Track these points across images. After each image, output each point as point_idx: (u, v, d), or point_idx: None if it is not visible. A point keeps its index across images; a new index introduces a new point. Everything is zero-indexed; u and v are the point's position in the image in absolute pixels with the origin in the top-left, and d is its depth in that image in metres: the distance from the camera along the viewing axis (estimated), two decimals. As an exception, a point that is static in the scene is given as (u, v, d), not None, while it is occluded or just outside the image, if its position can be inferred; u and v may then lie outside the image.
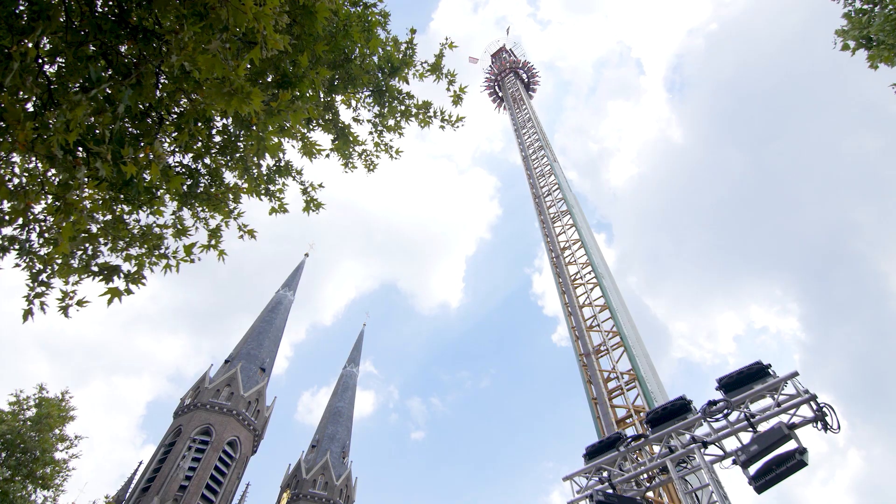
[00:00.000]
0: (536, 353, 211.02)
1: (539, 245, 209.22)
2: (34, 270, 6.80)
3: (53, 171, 5.42)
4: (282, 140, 7.43)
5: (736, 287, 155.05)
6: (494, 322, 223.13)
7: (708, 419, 8.28)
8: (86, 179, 5.10)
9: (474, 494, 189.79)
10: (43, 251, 6.81)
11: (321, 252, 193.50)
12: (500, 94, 61.53)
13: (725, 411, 8.09)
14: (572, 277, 31.98)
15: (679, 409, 8.91)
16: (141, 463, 49.71)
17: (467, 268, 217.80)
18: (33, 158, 5.42)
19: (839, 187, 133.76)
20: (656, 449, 8.86)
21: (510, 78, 60.78)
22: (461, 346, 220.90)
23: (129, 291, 6.69)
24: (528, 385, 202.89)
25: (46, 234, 6.74)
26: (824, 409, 7.39)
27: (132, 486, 47.46)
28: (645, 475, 8.49)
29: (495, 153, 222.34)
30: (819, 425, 7.46)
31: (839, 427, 7.27)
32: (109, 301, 6.41)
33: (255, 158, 7.86)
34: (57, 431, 19.00)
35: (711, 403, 8.33)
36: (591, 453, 9.51)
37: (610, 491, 8.41)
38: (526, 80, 62.55)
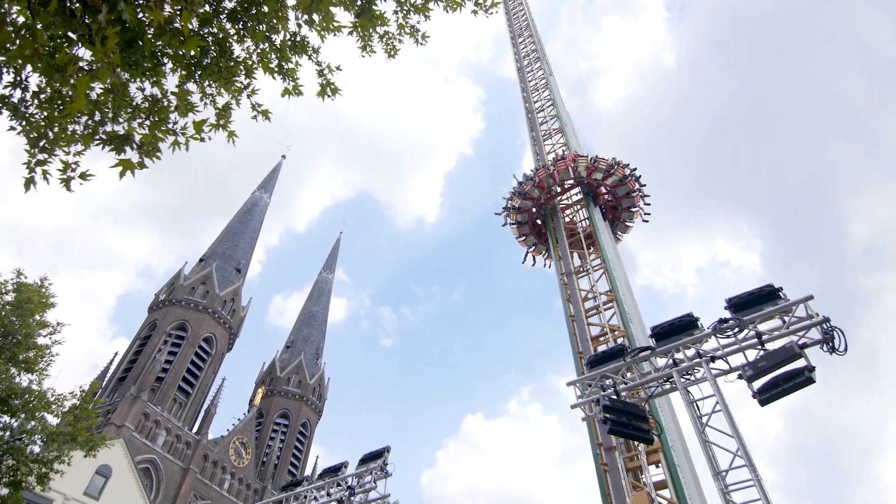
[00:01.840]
0: (507, 273, 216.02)
1: (519, 164, 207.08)
2: (32, 136, 6.11)
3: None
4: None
5: (706, 220, 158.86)
6: (469, 239, 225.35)
7: (718, 335, 8.52)
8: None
9: (438, 399, 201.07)
10: (41, 114, 6.10)
11: (297, 156, 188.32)
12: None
13: (735, 329, 8.31)
14: (560, 198, 31.75)
15: (686, 325, 9.15)
16: (116, 354, 50.30)
17: (445, 183, 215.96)
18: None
19: (821, 128, 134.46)
20: (660, 362, 9.16)
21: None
22: (435, 261, 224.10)
23: (142, 165, 6.11)
24: (497, 302, 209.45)
25: (43, 96, 6.03)
26: (833, 333, 7.65)
27: (108, 375, 48.25)
28: (652, 385, 8.82)
29: (483, 63, 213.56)
30: (826, 347, 7.75)
31: (846, 349, 7.57)
32: (121, 174, 5.85)
33: (276, 23, 7.01)
34: (37, 317, 18.68)
35: (722, 321, 8.55)
36: (594, 362, 9.83)
37: (615, 397, 8.77)
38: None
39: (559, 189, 24.37)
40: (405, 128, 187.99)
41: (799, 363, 7.57)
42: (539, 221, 25.89)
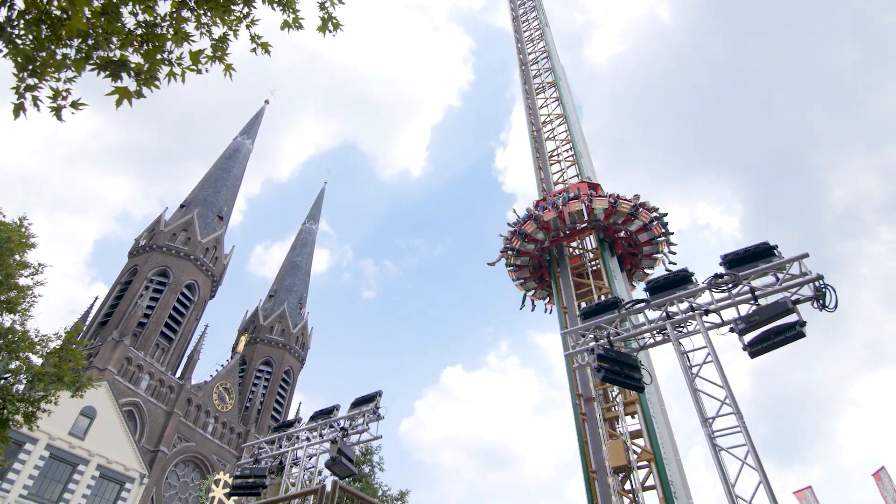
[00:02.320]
0: (491, 229, 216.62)
1: (507, 119, 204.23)
2: (19, 60, 5.75)
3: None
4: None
5: (690, 182, 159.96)
6: (453, 194, 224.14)
7: (713, 290, 8.71)
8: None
9: (418, 351, 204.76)
10: (28, 36, 5.73)
11: (280, 103, 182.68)
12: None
13: (730, 284, 8.49)
14: (549, 154, 31.39)
15: (681, 279, 9.33)
16: (97, 299, 49.76)
17: (432, 136, 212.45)
18: None
19: (810, 95, 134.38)
20: (652, 315, 9.37)
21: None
22: (418, 215, 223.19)
23: (139, 94, 5.83)
24: (480, 258, 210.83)
25: (30, 16, 5.65)
26: (825, 290, 7.86)
27: (89, 320, 47.86)
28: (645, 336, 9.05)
29: (475, 11, 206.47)
30: (817, 303, 7.99)
31: (836, 306, 7.81)
32: (118, 102, 5.57)
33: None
34: (17, 257, 18.27)
35: (718, 276, 8.72)
36: (588, 313, 10.03)
37: (609, 346, 9.00)
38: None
39: (568, 232, 20.09)
40: (392, 77, 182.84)
41: (791, 318, 7.82)
42: (542, 258, 21.72)
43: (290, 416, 58.83)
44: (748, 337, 8.09)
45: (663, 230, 19.34)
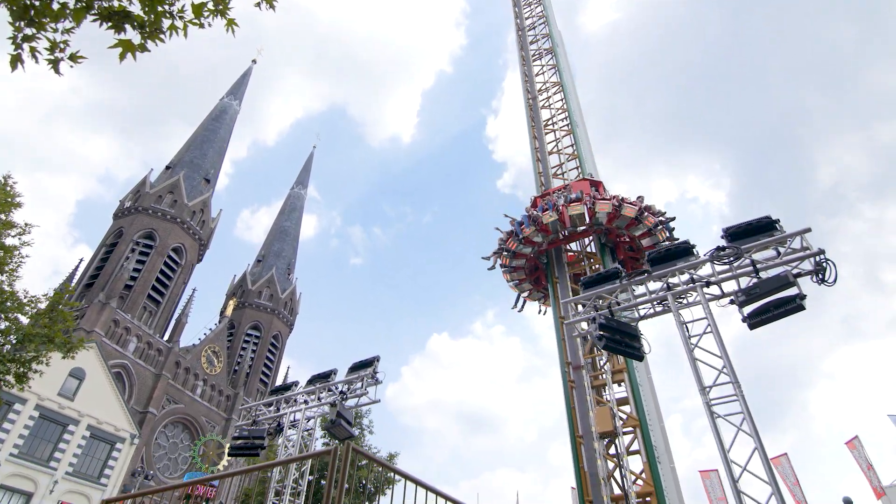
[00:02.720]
0: (480, 197, 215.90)
1: (499, 86, 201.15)
2: (16, 8, 5.46)
3: None
4: None
5: (680, 155, 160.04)
6: (443, 161, 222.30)
7: (715, 262, 8.79)
8: None
9: (405, 318, 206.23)
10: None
11: (267, 64, 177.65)
12: None
13: (732, 257, 8.58)
14: (545, 122, 31.02)
15: (682, 251, 9.40)
16: (81, 260, 49.09)
17: (423, 101, 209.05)
18: None
19: (805, 70, 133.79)
20: (652, 286, 9.46)
21: None
22: (408, 182, 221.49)
23: (143, 48, 5.57)
24: (468, 226, 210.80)
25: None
26: (826, 265, 7.99)
27: (74, 281, 47.27)
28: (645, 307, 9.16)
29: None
30: (816, 277, 8.12)
31: (835, 281, 7.95)
32: (122, 56, 5.35)
33: None
34: (3, 217, 17.83)
35: (720, 249, 8.80)
36: (589, 283, 10.10)
37: (610, 316, 9.11)
38: None
39: (568, 234, 19.02)
40: (382, 39, 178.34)
41: (791, 291, 7.95)
42: (539, 260, 20.68)
43: (279, 381, 59.32)
44: (748, 309, 8.23)
45: (668, 235, 18.24)
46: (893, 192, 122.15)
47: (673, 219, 18.81)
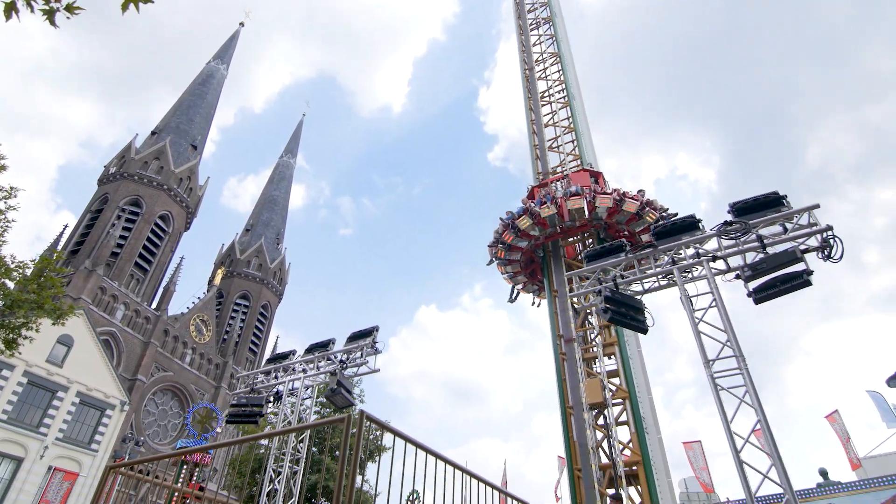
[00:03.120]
0: (471, 169, 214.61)
1: (493, 56, 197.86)
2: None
3: None
4: None
5: (671, 133, 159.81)
6: (434, 132, 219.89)
7: (722, 236, 8.79)
8: None
9: (394, 289, 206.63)
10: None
11: (255, 28, 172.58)
12: None
13: (740, 232, 8.59)
14: (541, 94, 30.59)
15: (688, 225, 9.39)
16: (66, 227, 48.11)
17: (415, 71, 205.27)
18: None
19: (797, 49, 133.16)
20: (657, 260, 9.47)
21: None
22: (398, 153, 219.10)
23: (147, -1, 5.29)
24: (458, 198, 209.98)
25: None
26: (833, 242, 8.02)
27: (58, 248, 46.44)
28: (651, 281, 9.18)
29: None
30: (822, 254, 8.16)
31: (841, 257, 8.00)
32: (124, 6, 5.09)
33: None
34: (-13, 179, 17.31)
35: (727, 223, 8.80)
36: (593, 256, 10.09)
37: (615, 289, 9.12)
38: None
39: (566, 228, 18.56)
40: (374, 3, 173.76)
41: (798, 267, 8.00)
42: (536, 253, 20.13)
43: (268, 350, 59.40)
44: (753, 284, 8.28)
45: None
46: (880, 174, 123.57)
47: (675, 214, 17.97)
